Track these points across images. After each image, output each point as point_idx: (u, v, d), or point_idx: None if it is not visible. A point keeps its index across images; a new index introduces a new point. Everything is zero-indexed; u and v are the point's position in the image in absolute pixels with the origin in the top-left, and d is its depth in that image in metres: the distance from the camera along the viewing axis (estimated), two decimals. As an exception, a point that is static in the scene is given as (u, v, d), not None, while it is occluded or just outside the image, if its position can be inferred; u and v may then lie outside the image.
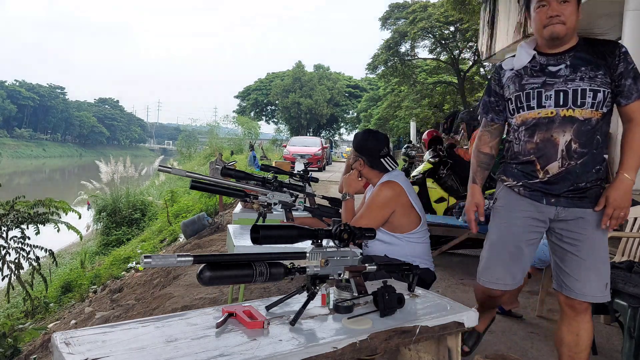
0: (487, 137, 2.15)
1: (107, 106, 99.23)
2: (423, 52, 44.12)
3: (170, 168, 2.59)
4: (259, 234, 1.38)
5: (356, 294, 1.63)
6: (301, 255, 1.47)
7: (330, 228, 1.54)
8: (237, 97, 48.20)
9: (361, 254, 1.76)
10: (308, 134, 38.36)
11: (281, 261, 1.39)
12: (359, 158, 2.50)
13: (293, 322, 1.44)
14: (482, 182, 2.19)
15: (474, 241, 4.35)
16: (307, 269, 1.46)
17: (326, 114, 43.73)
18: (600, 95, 1.80)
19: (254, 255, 1.35)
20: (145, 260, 1.14)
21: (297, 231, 1.45)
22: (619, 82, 1.81)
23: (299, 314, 1.45)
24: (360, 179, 2.56)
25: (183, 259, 1.20)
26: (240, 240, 2.56)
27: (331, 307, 1.60)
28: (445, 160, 5.54)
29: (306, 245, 1.52)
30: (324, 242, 1.54)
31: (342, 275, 1.56)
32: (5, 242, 4.68)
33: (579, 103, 1.81)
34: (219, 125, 28.88)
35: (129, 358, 1.20)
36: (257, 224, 1.40)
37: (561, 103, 1.83)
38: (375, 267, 1.68)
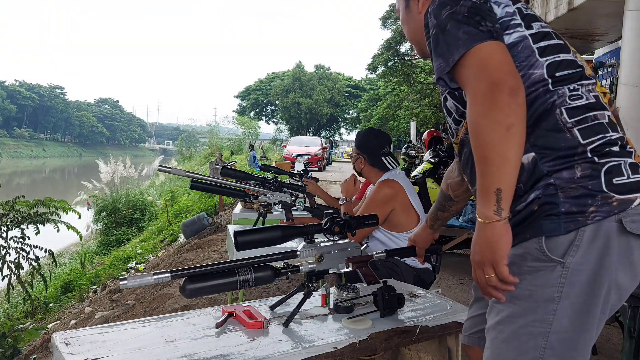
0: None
1: (107, 106, 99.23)
2: (423, 52, 44.06)
3: (170, 168, 2.59)
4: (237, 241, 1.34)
5: (365, 285, 1.56)
6: (292, 254, 1.43)
7: (321, 222, 1.49)
8: (237, 97, 48.22)
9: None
10: (308, 134, 38.35)
11: (270, 263, 1.37)
12: (360, 156, 2.52)
13: (286, 324, 1.43)
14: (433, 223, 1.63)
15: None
16: (301, 267, 1.44)
17: (326, 114, 43.72)
18: (450, 103, 1.23)
19: (241, 260, 1.33)
20: (121, 282, 1.17)
21: (281, 232, 1.38)
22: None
23: (292, 315, 1.45)
24: (355, 183, 2.59)
25: (159, 276, 1.20)
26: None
27: (331, 307, 1.59)
28: (445, 160, 5.54)
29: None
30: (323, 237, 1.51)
31: (346, 268, 1.50)
32: (5, 242, 4.68)
33: (453, 132, 1.28)
34: (218, 125, 28.92)
35: (129, 358, 1.20)
36: (237, 230, 1.36)
37: None
38: (384, 253, 1.58)
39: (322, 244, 1.48)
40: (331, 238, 1.48)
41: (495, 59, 1.00)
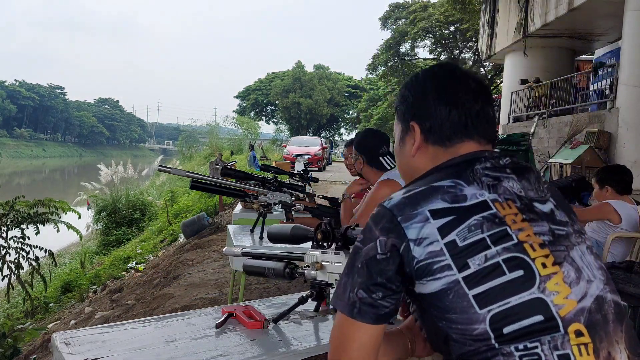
0: None
1: (107, 106, 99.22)
2: (423, 52, 44.06)
3: (170, 168, 2.59)
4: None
5: None
6: (299, 257, 1.42)
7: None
8: (237, 97, 48.22)
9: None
10: (308, 134, 38.32)
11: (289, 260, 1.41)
12: (359, 156, 2.51)
13: (275, 321, 1.44)
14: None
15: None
16: (305, 272, 1.40)
17: (326, 114, 43.72)
18: None
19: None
20: (223, 250, 1.68)
21: (298, 231, 1.42)
22: None
23: (282, 314, 1.45)
24: (361, 184, 2.59)
25: (236, 250, 1.58)
26: (240, 241, 2.56)
27: (331, 307, 1.59)
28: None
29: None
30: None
31: None
32: (5, 242, 4.68)
33: None
34: (218, 125, 28.90)
35: (129, 358, 1.20)
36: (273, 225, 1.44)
37: None
38: None
39: (323, 252, 1.39)
40: (322, 244, 1.38)
41: (337, 349, 0.90)
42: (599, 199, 3.23)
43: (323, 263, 1.37)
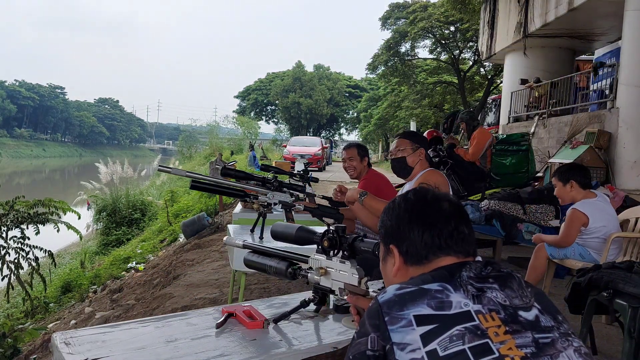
0: None
1: (107, 106, 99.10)
2: (423, 52, 44.18)
3: (170, 168, 2.59)
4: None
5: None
6: (304, 258, 1.40)
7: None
8: (237, 97, 48.22)
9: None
10: (308, 134, 38.30)
11: (291, 260, 1.41)
12: (411, 145, 2.69)
13: (276, 321, 1.44)
14: None
15: (477, 241, 4.36)
16: (309, 275, 1.38)
17: (326, 114, 43.70)
18: None
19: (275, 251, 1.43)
20: (224, 239, 1.72)
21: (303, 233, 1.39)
22: None
23: (284, 315, 1.45)
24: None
25: (238, 241, 1.59)
26: (240, 241, 2.55)
27: (331, 307, 1.59)
28: (445, 160, 5.54)
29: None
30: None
31: (344, 294, 1.31)
32: (5, 242, 4.68)
33: None
34: (218, 125, 28.90)
35: (129, 358, 1.20)
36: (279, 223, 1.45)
37: None
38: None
39: (327, 259, 1.34)
40: (329, 250, 1.34)
41: None
42: (562, 196, 3.23)
43: (328, 269, 1.34)
